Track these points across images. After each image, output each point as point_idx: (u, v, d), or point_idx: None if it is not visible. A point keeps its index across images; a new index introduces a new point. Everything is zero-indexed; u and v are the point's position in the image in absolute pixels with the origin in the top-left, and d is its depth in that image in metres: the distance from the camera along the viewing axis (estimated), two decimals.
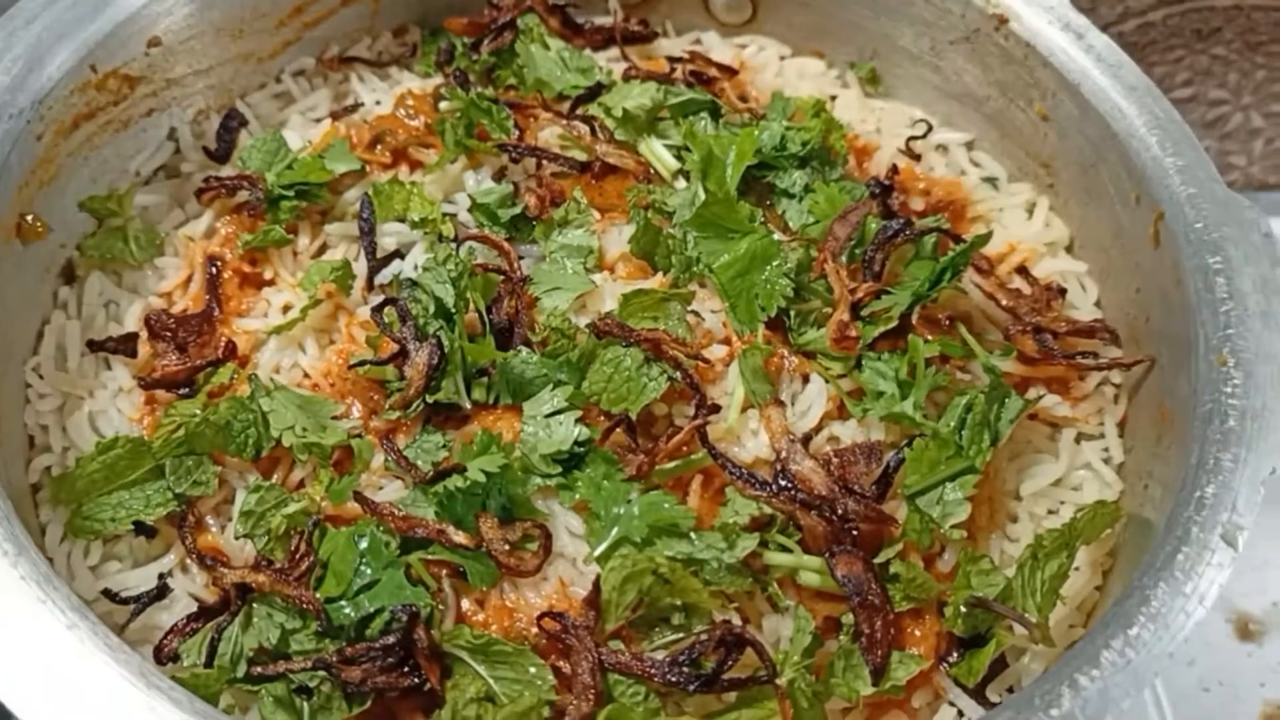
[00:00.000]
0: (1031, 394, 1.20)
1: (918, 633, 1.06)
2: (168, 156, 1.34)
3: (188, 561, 1.08)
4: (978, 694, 1.05)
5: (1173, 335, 1.13)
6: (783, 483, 1.07)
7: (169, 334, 1.17)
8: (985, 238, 1.23)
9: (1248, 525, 0.95)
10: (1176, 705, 1.50)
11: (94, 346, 1.19)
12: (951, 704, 1.04)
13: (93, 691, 0.78)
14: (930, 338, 1.18)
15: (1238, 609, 1.58)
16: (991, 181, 1.43)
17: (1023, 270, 1.32)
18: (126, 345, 1.18)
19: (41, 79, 1.14)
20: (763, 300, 1.19)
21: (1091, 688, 0.83)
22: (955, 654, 1.07)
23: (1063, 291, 1.29)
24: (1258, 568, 0.91)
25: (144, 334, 1.19)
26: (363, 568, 1.02)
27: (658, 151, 1.35)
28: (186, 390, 1.15)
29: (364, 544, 1.03)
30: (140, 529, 1.09)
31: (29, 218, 1.14)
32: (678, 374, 1.11)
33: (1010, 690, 1.07)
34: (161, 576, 1.07)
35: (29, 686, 0.77)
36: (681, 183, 1.31)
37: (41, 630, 0.80)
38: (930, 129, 1.46)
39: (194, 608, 1.05)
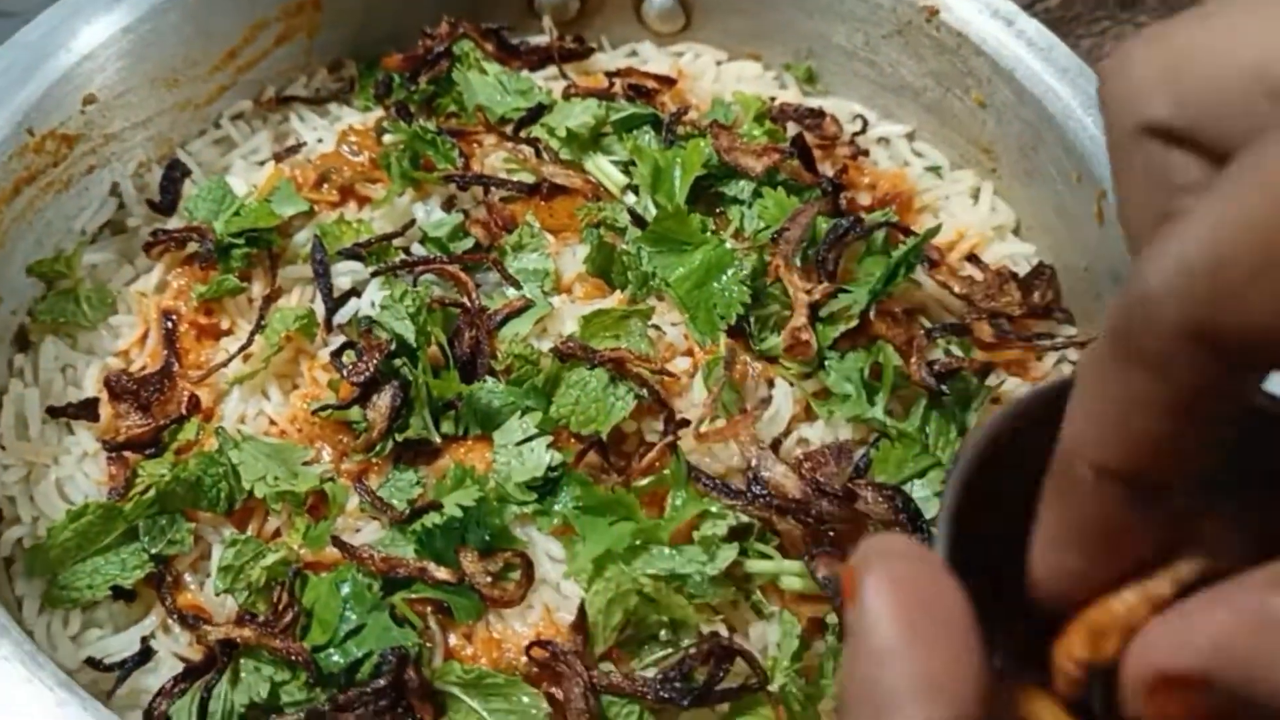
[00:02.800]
0: (992, 380, 1.22)
1: None
2: (112, 212, 1.33)
3: (169, 622, 1.07)
4: None
5: None
6: (756, 490, 1.08)
7: (130, 395, 1.16)
8: (934, 230, 1.25)
9: None
10: None
11: (54, 413, 1.17)
12: None
13: None
14: (888, 335, 1.19)
15: None
16: (935, 170, 1.45)
17: (973, 257, 1.34)
18: (87, 411, 1.17)
19: None
20: (721, 309, 1.20)
21: None
22: None
23: (1015, 276, 1.31)
24: None
25: (104, 396, 1.18)
26: (347, 613, 1.02)
27: (604, 168, 1.35)
28: (153, 450, 1.15)
29: (346, 589, 1.03)
30: (119, 593, 1.08)
31: None
32: (644, 391, 1.12)
33: None
34: (144, 639, 1.06)
35: None
36: (631, 197, 1.31)
37: (32, 710, 0.80)
38: (867, 124, 1.48)
39: (179, 668, 1.04)
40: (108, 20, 1.25)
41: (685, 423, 1.11)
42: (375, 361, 1.13)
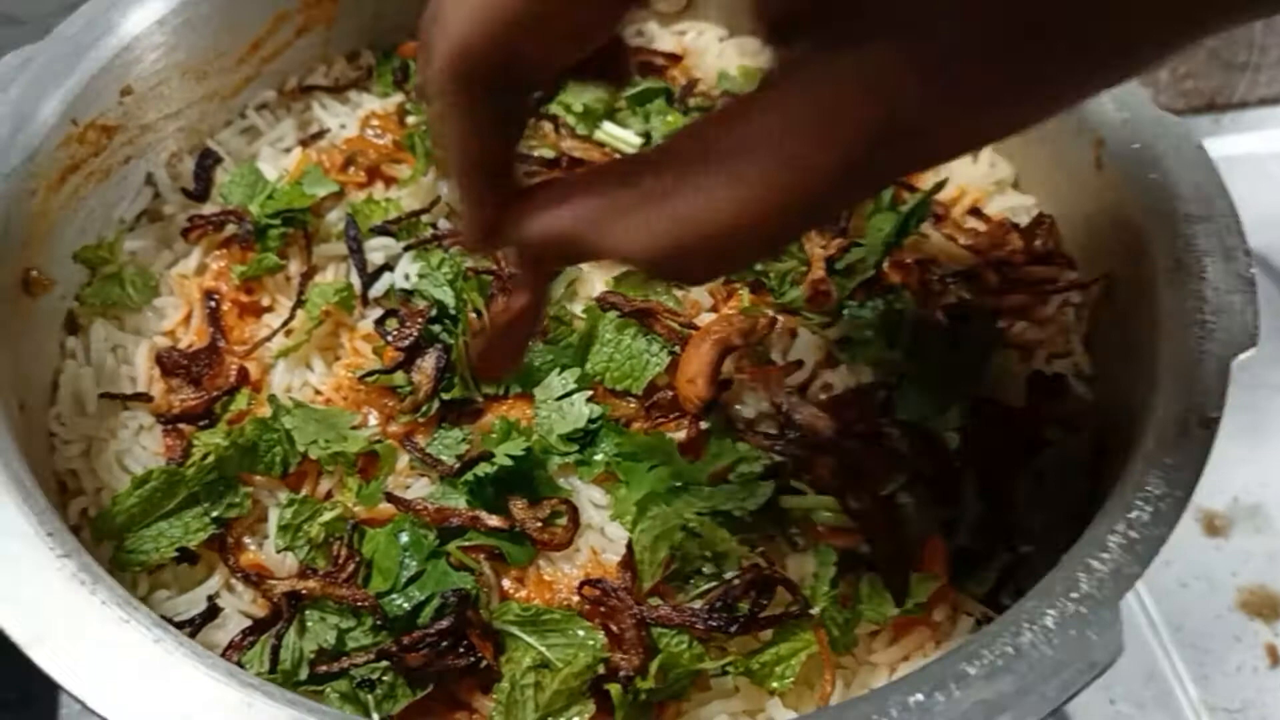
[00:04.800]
0: (1000, 324, 1.28)
1: (928, 554, 1.13)
2: (148, 201, 1.37)
3: (232, 581, 1.12)
4: (990, 600, 1.12)
5: (1126, 250, 1.21)
6: (790, 433, 1.13)
7: (182, 370, 1.21)
8: (941, 184, 1.31)
9: (1219, 413, 1.03)
10: (1160, 601, 1.61)
11: (110, 398, 1.22)
12: (968, 614, 1.12)
13: (190, 695, 0.82)
14: (903, 282, 1.25)
15: (1203, 507, 1.70)
16: None
17: (975, 211, 1.40)
18: (140, 399, 1.22)
19: (30, 136, 1.17)
20: None
21: (1104, 569, 0.90)
22: (965, 569, 1.14)
23: (1016, 226, 1.37)
24: (1216, 466, 1.00)
25: (157, 372, 1.23)
26: (407, 561, 1.07)
27: (616, 133, 1.41)
28: (206, 421, 1.20)
29: (405, 538, 1.08)
30: (183, 556, 1.12)
31: (34, 273, 1.18)
32: (678, 348, 1.18)
33: (1018, 593, 1.14)
34: (210, 598, 1.10)
35: (133, 703, 0.82)
36: None
37: (131, 647, 0.85)
38: None
39: (245, 623, 1.09)
40: (143, 13, 1.29)
41: (727, 383, 1.16)
42: (418, 326, 1.18)
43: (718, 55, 1.60)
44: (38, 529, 0.91)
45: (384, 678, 1.01)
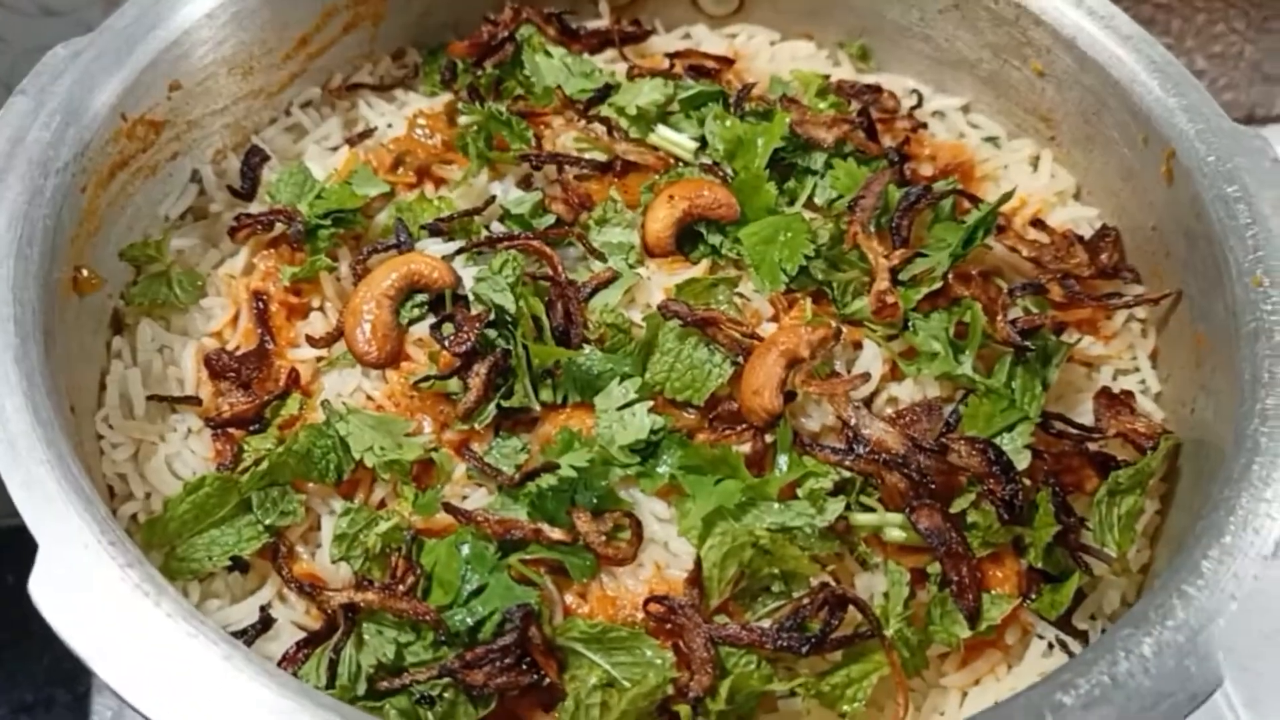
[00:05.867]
0: (1066, 337, 1.25)
1: (1000, 574, 1.11)
2: (194, 199, 1.35)
3: (285, 591, 1.09)
4: (1064, 624, 1.10)
5: (1200, 265, 1.19)
6: (859, 448, 1.10)
7: (232, 373, 1.18)
8: (1008, 195, 1.28)
9: None
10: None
11: (158, 400, 1.19)
12: (1040, 637, 1.09)
13: (264, 716, 0.79)
14: (971, 295, 1.22)
15: None
16: (992, 140, 1.49)
17: (1037, 222, 1.38)
18: (189, 401, 1.19)
19: (80, 131, 1.14)
20: (784, 259, 1.23)
21: (1200, 595, 0.88)
22: (1037, 590, 1.11)
23: (1081, 239, 1.34)
24: None
25: (205, 374, 1.20)
26: (469, 575, 1.04)
27: (671, 137, 1.38)
28: (256, 426, 1.17)
29: (466, 551, 1.05)
30: (235, 564, 1.10)
31: (83, 270, 1.15)
32: (740, 359, 1.15)
33: (1093, 618, 1.12)
34: (263, 609, 1.08)
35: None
36: (705, 160, 1.35)
37: (199, 663, 0.82)
38: (922, 98, 1.51)
39: (299, 636, 1.06)
40: (192, 7, 1.26)
41: (792, 395, 1.13)
42: (475, 332, 1.15)
43: (769, 60, 1.58)
44: (99, 538, 0.88)
45: (445, 694, 0.98)
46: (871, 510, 1.10)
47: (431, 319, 1.20)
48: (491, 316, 1.17)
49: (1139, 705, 0.82)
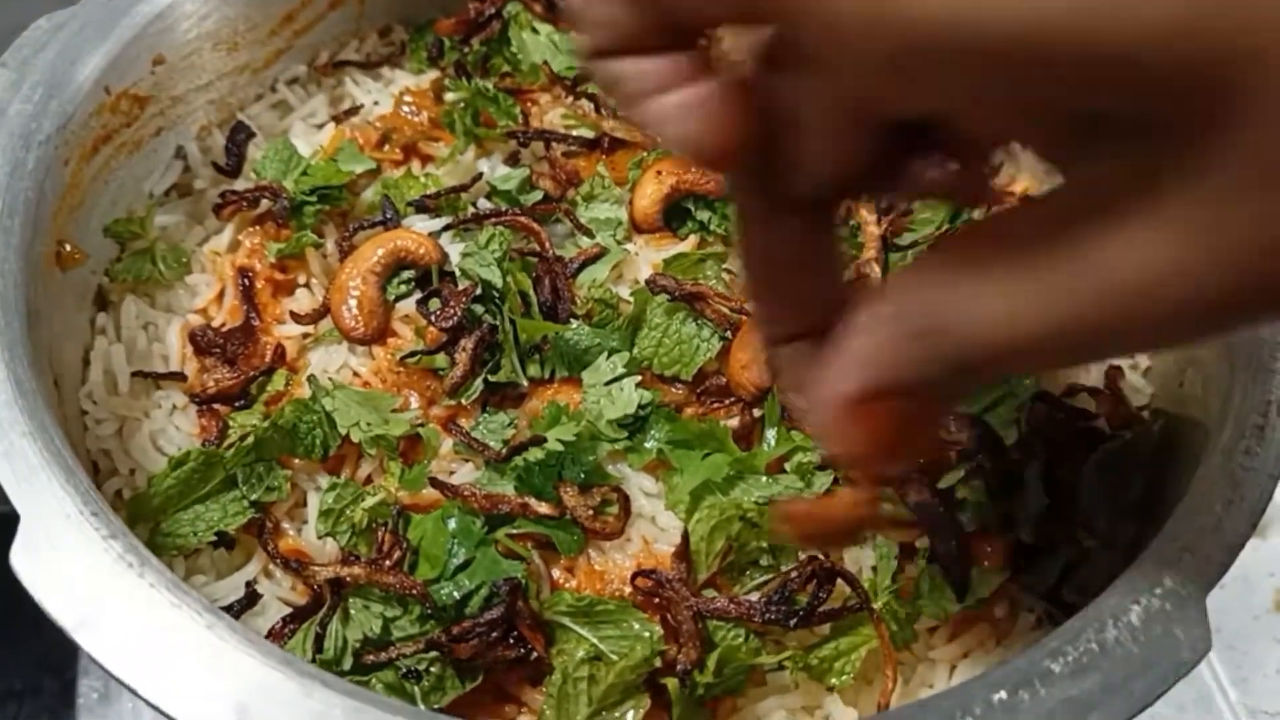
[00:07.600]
0: None
1: (988, 548, 1.10)
2: (178, 175, 1.33)
3: (271, 567, 1.09)
4: (1053, 598, 1.09)
5: None
6: None
7: (217, 349, 1.18)
8: (997, 168, 1.28)
9: None
10: None
11: (142, 376, 1.19)
12: (1029, 610, 1.09)
13: (247, 684, 0.79)
14: None
15: None
16: None
17: (1028, 198, 1.38)
18: (173, 377, 1.18)
19: (63, 104, 1.13)
20: None
21: (1187, 565, 0.88)
22: (1025, 564, 1.11)
23: None
24: None
25: (190, 350, 1.19)
26: (456, 548, 1.03)
27: None
28: (242, 402, 1.16)
29: (453, 525, 1.04)
30: (220, 541, 1.09)
31: (66, 245, 1.14)
32: (728, 333, 1.14)
33: (1081, 591, 1.11)
34: (249, 584, 1.07)
35: (189, 694, 0.78)
36: None
37: (183, 632, 0.81)
38: None
39: (285, 611, 1.05)
40: None
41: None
42: (462, 307, 1.14)
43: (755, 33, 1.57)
44: (82, 509, 0.87)
45: (431, 669, 0.98)
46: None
47: (418, 295, 1.19)
48: (478, 291, 1.16)
49: (1126, 671, 0.82)
